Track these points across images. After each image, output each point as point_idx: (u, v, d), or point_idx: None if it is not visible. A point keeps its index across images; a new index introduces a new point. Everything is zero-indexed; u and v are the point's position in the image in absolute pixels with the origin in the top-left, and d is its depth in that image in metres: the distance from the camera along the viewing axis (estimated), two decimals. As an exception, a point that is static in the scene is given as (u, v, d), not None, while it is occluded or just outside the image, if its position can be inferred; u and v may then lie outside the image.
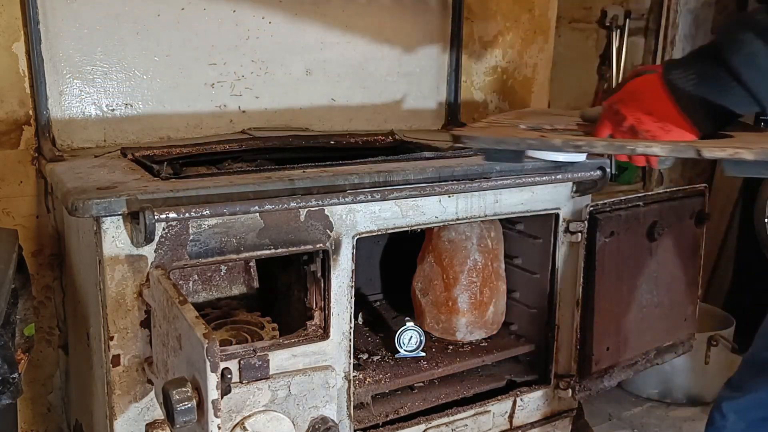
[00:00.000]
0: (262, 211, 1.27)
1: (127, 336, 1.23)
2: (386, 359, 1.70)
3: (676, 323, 2.01)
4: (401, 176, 1.44)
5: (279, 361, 1.37)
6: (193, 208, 1.18)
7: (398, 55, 2.14)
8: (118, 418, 1.24)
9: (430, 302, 1.78)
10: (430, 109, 2.24)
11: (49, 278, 1.76)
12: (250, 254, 1.32)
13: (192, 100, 1.86)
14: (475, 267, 1.74)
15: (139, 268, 1.22)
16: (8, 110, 1.66)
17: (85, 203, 1.15)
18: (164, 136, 1.84)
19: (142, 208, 1.13)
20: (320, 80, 2.03)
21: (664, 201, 1.88)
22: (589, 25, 3.34)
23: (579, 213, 1.71)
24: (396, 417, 1.59)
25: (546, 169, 1.61)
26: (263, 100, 1.97)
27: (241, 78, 1.92)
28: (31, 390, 1.78)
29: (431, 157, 1.63)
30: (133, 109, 1.79)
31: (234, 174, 1.38)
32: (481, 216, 1.59)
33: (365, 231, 1.44)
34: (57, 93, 1.69)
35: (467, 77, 2.30)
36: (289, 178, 1.34)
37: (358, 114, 2.11)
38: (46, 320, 1.77)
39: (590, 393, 1.86)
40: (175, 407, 0.90)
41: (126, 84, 1.77)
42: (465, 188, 1.48)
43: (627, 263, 1.81)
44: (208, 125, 1.90)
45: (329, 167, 1.46)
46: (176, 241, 1.24)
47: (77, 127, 1.73)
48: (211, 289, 1.70)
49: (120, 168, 1.44)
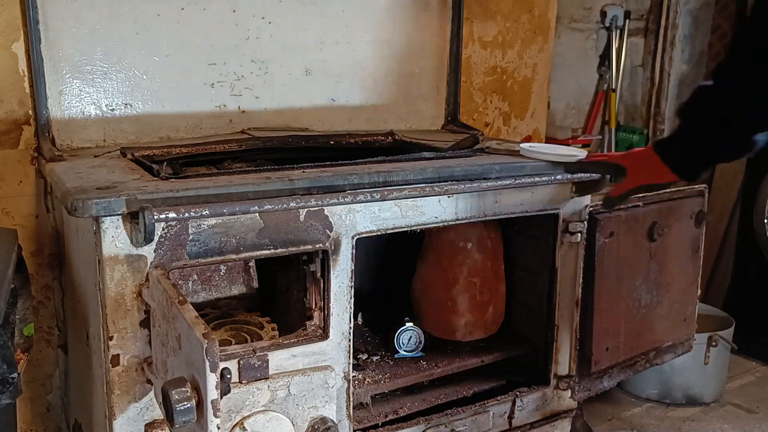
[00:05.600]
0: (261, 211, 1.27)
1: (127, 336, 1.23)
2: (386, 359, 1.70)
3: (676, 324, 2.01)
4: (401, 176, 1.44)
5: (278, 361, 1.37)
6: (193, 208, 1.18)
7: (398, 56, 2.14)
8: (117, 418, 1.24)
9: (429, 302, 1.78)
10: (429, 110, 2.23)
11: (48, 278, 1.76)
12: (249, 254, 1.32)
13: (192, 100, 1.86)
14: (474, 268, 1.74)
15: (138, 268, 1.22)
16: (8, 110, 1.66)
17: (84, 203, 1.15)
18: (164, 136, 1.84)
19: (141, 208, 1.13)
20: (320, 80, 2.03)
21: (663, 201, 1.88)
22: (588, 25, 3.35)
23: (579, 213, 1.71)
24: (395, 417, 1.59)
25: (545, 170, 1.61)
26: (263, 100, 1.97)
27: (240, 78, 1.92)
28: (30, 390, 1.78)
29: (431, 157, 1.63)
30: (132, 109, 1.79)
31: (234, 174, 1.38)
32: (480, 216, 1.59)
33: (365, 231, 1.44)
34: (57, 93, 1.69)
35: (467, 77, 2.31)
36: (288, 178, 1.34)
37: (357, 114, 2.11)
38: (45, 320, 1.77)
39: (590, 393, 1.86)
40: (174, 407, 0.90)
41: (126, 84, 1.77)
42: (465, 188, 1.48)
43: (626, 263, 1.81)
44: (207, 125, 1.90)
45: (329, 167, 1.46)
46: (176, 241, 1.24)
47: (77, 126, 1.73)
48: (211, 289, 1.70)
49: (120, 168, 1.44)
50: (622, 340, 1.85)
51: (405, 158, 1.59)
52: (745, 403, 2.39)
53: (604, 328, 1.79)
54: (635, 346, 1.90)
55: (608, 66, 3.41)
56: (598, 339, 1.78)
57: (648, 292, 1.88)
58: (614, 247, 1.77)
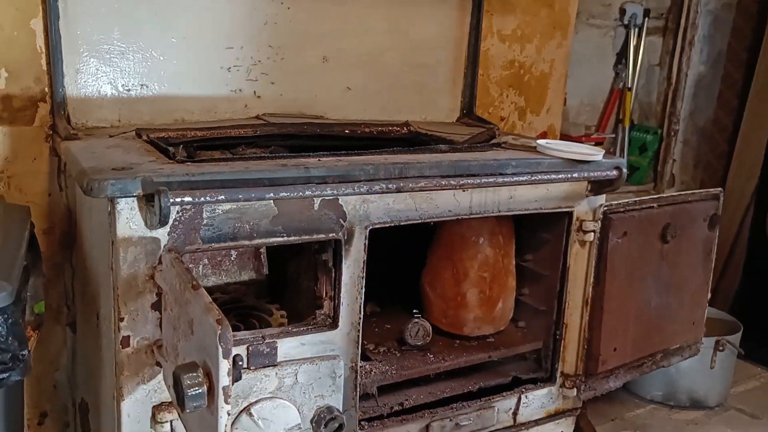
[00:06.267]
0: (277, 198, 1.27)
1: (138, 318, 1.23)
2: (393, 351, 1.70)
3: (685, 326, 2.00)
4: (417, 169, 1.43)
5: (287, 348, 1.37)
6: (209, 192, 1.18)
7: (415, 47, 2.12)
8: (125, 399, 1.25)
9: (438, 296, 1.77)
10: (445, 102, 2.22)
11: (59, 256, 1.76)
12: (262, 241, 1.32)
13: (207, 83, 1.85)
14: (485, 262, 1.73)
15: (151, 250, 1.21)
16: (24, 86, 1.65)
17: (100, 183, 1.14)
18: (179, 118, 1.84)
19: (157, 191, 1.13)
20: (336, 68, 2.02)
21: (678, 203, 1.87)
22: (606, 22, 3.32)
23: (592, 212, 1.70)
24: (400, 409, 1.59)
25: (562, 167, 1.60)
26: (279, 86, 1.96)
27: (257, 63, 1.91)
28: (37, 367, 1.78)
29: (447, 150, 1.62)
30: (148, 90, 1.78)
31: (250, 160, 1.37)
32: (494, 211, 1.58)
33: (378, 222, 1.43)
34: (73, 71, 1.68)
35: (484, 71, 2.29)
36: (304, 166, 1.33)
37: (372, 103, 2.10)
38: (54, 298, 1.77)
39: (595, 393, 1.85)
40: (185, 392, 0.89)
41: (142, 64, 1.76)
42: (481, 183, 1.47)
43: (638, 264, 1.80)
44: (222, 109, 1.89)
45: (344, 156, 1.45)
46: (190, 225, 1.23)
47: (92, 105, 1.72)
48: (221, 274, 1.70)
49: (135, 149, 1.44)
50: (630, 340, 1.84)
51: (421, 150, 1.58)
52: (750, 409, 2.38)
53: (613, 328, 1.78)
54: (643, 347, 1.90)
55: (625, 64, 3.38)
56: (606, 339, 1.77)
57: (658, 294, 1.87)
58: (626, 247, 1.75)
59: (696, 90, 3.47)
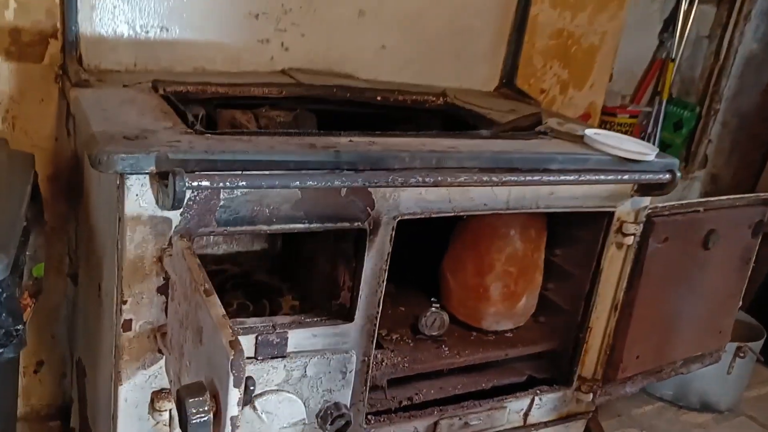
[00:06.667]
0: (303, 187, 1.15)
1: (142, 302, 1.13)
2: (405, 339, 1.61)
3: (710, 334, 1.91)
4: (455, 159, 1.31)
5: (297, 339, 1.28)
6: (228, 178, 1.06)
7: (458, 9, 1.95)
8: (123, 384, 1.17)
9: (459, 285, 1.67)
10: (484, 70, 2.07)
11: (63, 206, 1.66)
12: (282, 227, 1.21)
13: (232, 30, 1.71)
14: (514, 256, 1.62)
15: (161, 231, 1.11)
16: (34, 20, 1.51)
17: (110, 157, 1.03)
18: (199, 67, 1.70)
19: (173, 172, 1.01)
20: (372, 24, 1.86)
21: (724, 208, 1.74)
22: (657, -14, 3.09)
23: (635, 214, 1.58)
24: (409, 404, 1.51)
25: (611, 165, 1.47)
26: (309, 39, 1.81)
27: (288, 11, 1.75)
28: (36, 318, 1.71)
29: (488, 135, 1.49)
30: (168, 33, 1.64)
31: (275, 135, 1.25)
32: (533, 207, 1.46)
33: (408, 213, 1.31)
34: (88, 6, 1.54)
35: (529, 38, 2.11)
36: (334, 149, 1.21)
37: (407, 66, 1.95)
38: (57, 249, 1.68)
39: (610, 397, 1.78)
40: (190, 419, 0.81)
41: (164, 4, 1.61)
42: (525, 181, 1.35)
43: (675, 271, 1.69)
44: (246, 60, 1.75)
45: (378, 137, 1.32)
46: (205, 206, 1.12)
47: (107, 47, 1.58)
48: (233, 242, 1.61)
49: (150, 108, 1.31)
50: (654, 348, 1.75)
51: (460, 135, 1.45)
52: (761, 417, 2.31)
53: (639, 335, 1.69)
54: (665, 354, 1.81)
55: (671, 32, 3.16)
56: (630, 345, 1.69)
57: (690, 302, 1.77)
58: (666, 253, 1.64)
59: (744, 69, 3.26)
